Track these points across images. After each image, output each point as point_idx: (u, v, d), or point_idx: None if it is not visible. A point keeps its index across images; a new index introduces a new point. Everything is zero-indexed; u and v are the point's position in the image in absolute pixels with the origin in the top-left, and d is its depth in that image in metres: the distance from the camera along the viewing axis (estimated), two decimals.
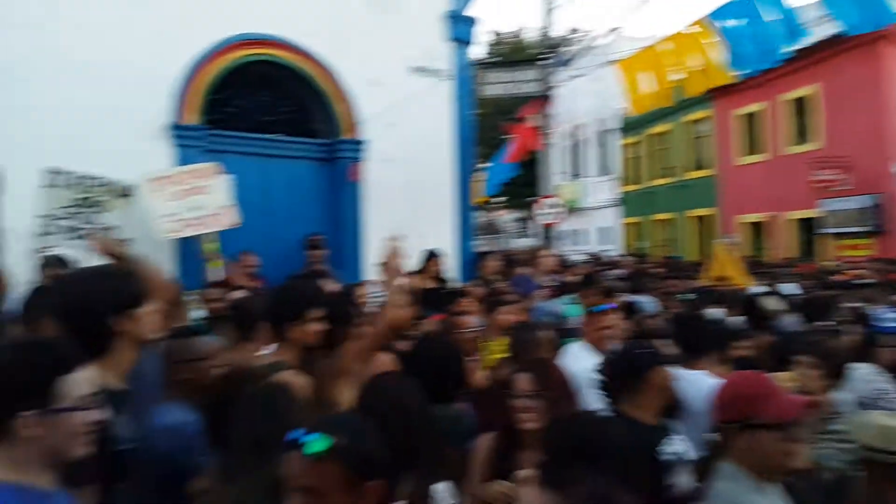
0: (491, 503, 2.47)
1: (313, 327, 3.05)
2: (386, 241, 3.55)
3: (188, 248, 6.37)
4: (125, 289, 2.41)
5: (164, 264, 5.23)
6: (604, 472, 1.57)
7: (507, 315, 4.84)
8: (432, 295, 5.55)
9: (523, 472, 2.23)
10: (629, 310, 5.14)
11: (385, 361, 3.30)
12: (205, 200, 6.11)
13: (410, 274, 6.72)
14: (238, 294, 4.91)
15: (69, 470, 1.80)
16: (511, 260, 9.15)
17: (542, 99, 13.03)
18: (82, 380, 1.75)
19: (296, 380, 2.76)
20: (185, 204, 6.02)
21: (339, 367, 3.07)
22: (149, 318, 2.45)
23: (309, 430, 1.66)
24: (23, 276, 4.90)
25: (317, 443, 1.63)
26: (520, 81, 13.03)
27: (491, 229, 30.58)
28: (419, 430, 2.22)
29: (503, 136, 16.48)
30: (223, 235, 6.41)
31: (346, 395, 2.82)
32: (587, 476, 1.48)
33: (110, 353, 2.34)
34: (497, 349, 4.48)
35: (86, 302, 2.33)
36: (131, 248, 3.04)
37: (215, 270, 6.25)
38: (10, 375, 1.69)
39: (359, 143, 7.74)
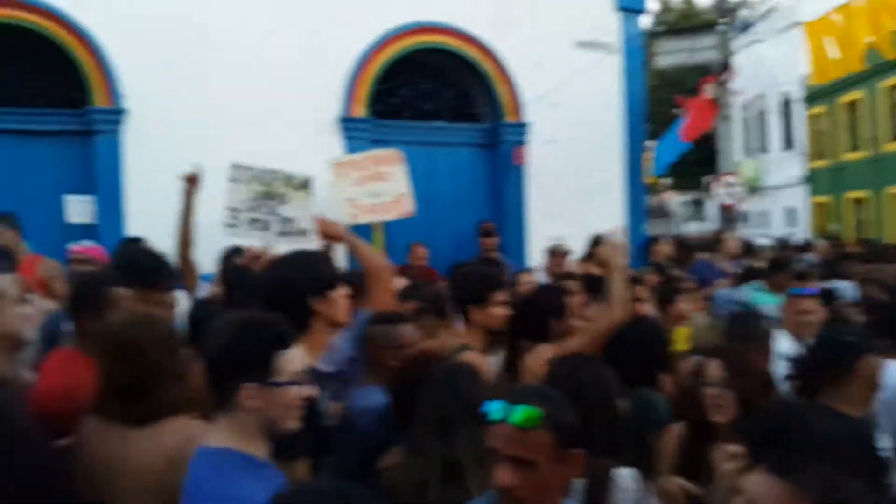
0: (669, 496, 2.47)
1: (497, 311, 3.17)
2: (607, 233, 3.56)
3: (361, 232, 6.70)
4: (321, 272, 2.64)
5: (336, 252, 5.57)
6: (822, 463, 1.55)
7: (685, 304, 4.72)
8: (601, 282, 5.52)
9: (729, 454, 2.22)
10: (827, 297, 4.87)
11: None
12: (384, 187, 6.38)
13: (582, 260, 6.78)
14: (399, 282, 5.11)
15: (281, 443, 2.01)
16: (685, 245, 8.88)
17: (718, 68, 12.45)
18: (295, 356, 1.95)
19: (480, 361, 2.89)
20: (365, 189, 6.35)
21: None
22: (342, 301, 2.67)
23: (511, 402, 1.76)
24: (210, 267, 5.41)
25: (526, 412, 1.73)
26: (694, 50, 12.51)
27: (659, 212, 29.64)
28: (600, 412, 2.27)
29: (672, 112, 15.93)
30: (388, 224, 6.71)
31: None
32: (814, 465, 1.46)
33: (308, 334, 2.57)
34: (677, 339, 4.40)
35: (286, 283, 2.59)
36: (350, 229, 3.29)
37: None
38: (233, 349, 1.91)
39: (522, 125, 7.82)
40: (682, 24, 22.34)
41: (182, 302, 3.88)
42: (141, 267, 3.25)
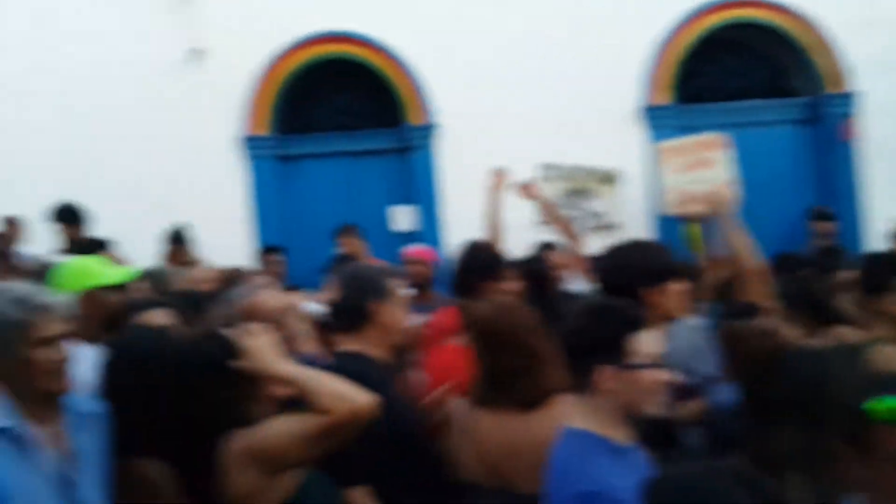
0: None
1: None
2: None
3: (672, 225, 6.51)
4: (657, 262, 2.60)
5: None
6: None
7: None
8: None
9: None
10: None
11: None
12: (708, 175, 6.11)
13: None
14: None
15: (637, 429, 2.00)
16: None
17: None
18: (649, 340, 1.94)
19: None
20: (688, 177, 6.15)
21: None
22: (677, 295, 2.60)
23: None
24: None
25: None
26: None
27: None
28: None
29: None
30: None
31: None
32: None
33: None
34: None
35: (620, 272, 2.60)
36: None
37: (696, 254, 6.27)
38: (588, 331, 1.97)
39: (848, 96, 7.05)
40: None
41: None
42: (476, 266, 3.41)
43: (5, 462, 1.93)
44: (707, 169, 6.06)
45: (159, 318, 2.72)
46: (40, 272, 3.96)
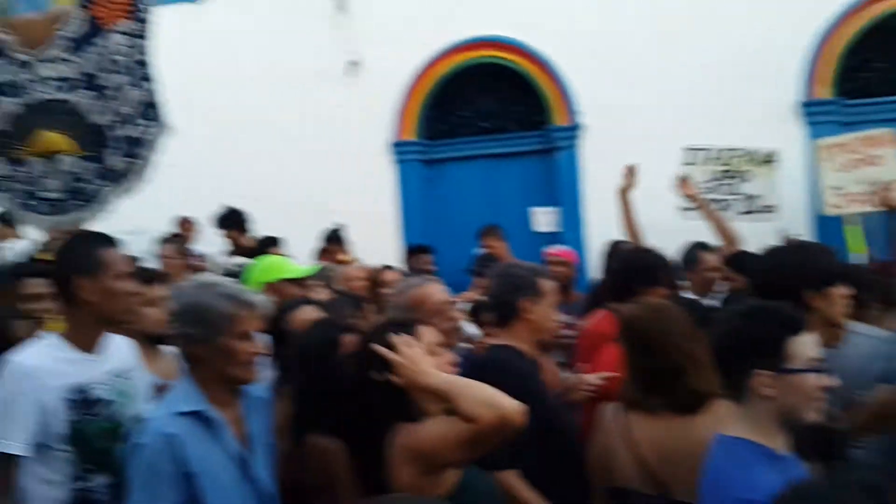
0: None
1: None
2: None
3: (832, 226, 6.16)
4: (823, 264, 2.50)
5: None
6: None
7: None
8: None
9: None
10: None
11: None
12: (876, 173, 5.73)
13: None
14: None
15: (795, 436, 1.94)
16: None
17: None
18: (809, 342, 1.89)
19: None
20: (853, 176, 5.81)
21: None
22: (842, 300, 2.50)
23: None
24: None
25: None
26: None
27: None
28: None
29: None
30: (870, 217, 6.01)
31: None
32: None
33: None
34: None
35: (780, 273, 2.51)
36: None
37: (858, 257, 5.89)
38: (745, 334, 1.93)
39: None
40: None
41: None
42: (634, 270, 3.33)
43: (195, 443, 2.15)
44: (873, 167, 5.68)
45: (310, 314, 2.86)
46: (231, 271, 4.41)
